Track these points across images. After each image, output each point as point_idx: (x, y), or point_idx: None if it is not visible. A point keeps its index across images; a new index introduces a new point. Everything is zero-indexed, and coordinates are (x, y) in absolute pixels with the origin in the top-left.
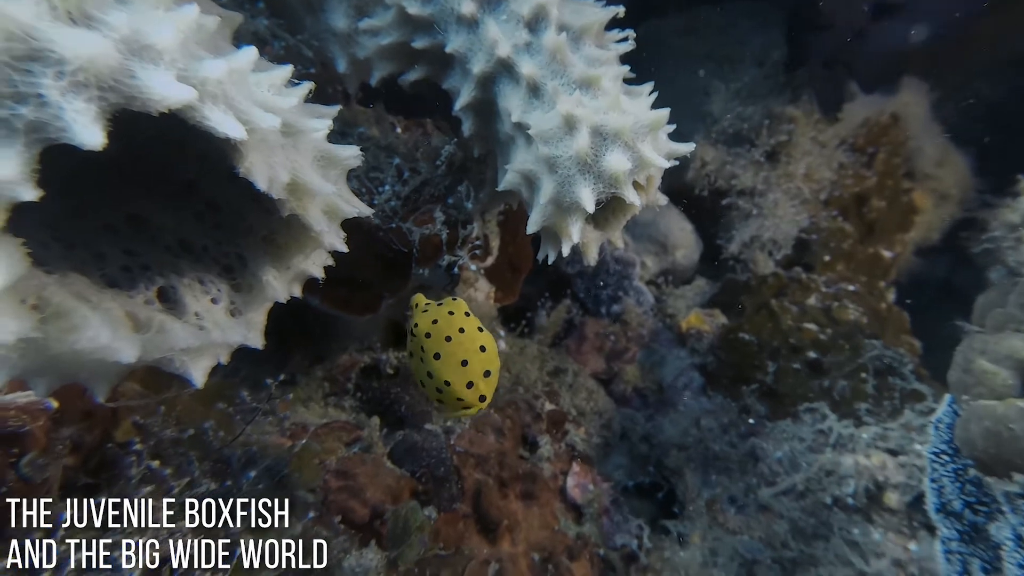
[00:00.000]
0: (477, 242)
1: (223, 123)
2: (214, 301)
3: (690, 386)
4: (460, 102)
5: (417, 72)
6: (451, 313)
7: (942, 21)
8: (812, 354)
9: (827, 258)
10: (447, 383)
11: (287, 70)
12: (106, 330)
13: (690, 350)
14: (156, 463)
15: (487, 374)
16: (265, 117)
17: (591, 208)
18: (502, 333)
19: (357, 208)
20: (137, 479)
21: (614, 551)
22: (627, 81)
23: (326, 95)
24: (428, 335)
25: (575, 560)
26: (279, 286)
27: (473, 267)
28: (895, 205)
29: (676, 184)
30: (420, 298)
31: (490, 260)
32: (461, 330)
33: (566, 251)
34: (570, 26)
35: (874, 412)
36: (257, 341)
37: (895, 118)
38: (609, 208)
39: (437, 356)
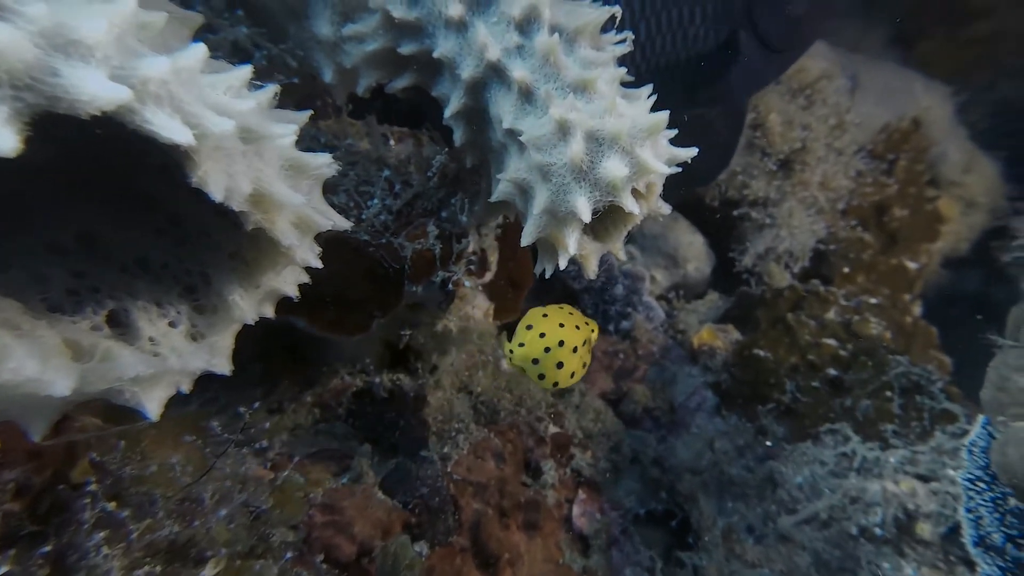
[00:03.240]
0: (473, 257)
1: (167, 127)
2: (172, 324)
3: (703, 406)
4: (450, 109)
5: (405, 79)
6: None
7: None
8: (832, 371)
9: (846, 270)
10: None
11: (246, 70)
12: (32, 361)
13: (702, 368)
14: (112, 505)
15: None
16: (218, 121)
17: (587, 217)
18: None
19: (332, 220)
20: (91, 524)
21: None
22: (625, 85)
23: (315, 108)
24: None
25: None
26: (247, 306)
27: (468, 283)
28: (919, 214)
29: (685, 195)
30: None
31: (488, 276)
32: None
33: (563, 264)
34: (564, 27)
35: (901, 434)
36: (224, 367)
37: (916, 123)
38: (608, 218)
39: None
